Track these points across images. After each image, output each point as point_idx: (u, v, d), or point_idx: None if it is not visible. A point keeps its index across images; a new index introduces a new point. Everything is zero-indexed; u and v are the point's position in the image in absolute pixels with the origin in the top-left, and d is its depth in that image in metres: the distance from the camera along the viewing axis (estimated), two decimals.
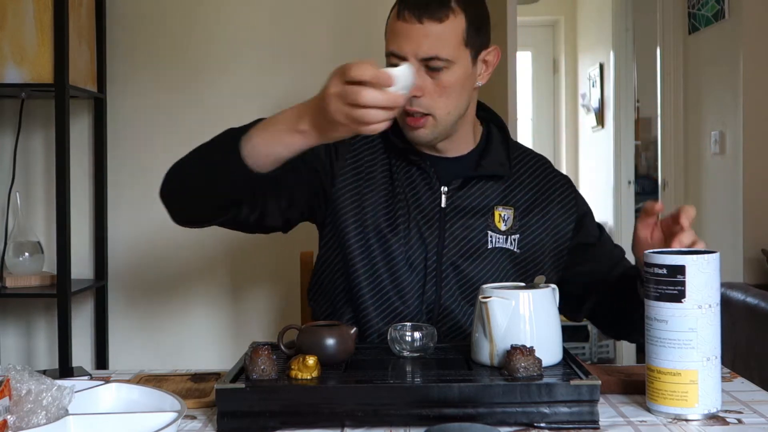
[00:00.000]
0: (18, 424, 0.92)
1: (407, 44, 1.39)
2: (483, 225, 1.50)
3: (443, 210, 1.50)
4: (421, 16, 1.38)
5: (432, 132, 1.46)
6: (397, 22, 1.41)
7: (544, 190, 1.56)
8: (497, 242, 1.50)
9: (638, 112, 5.61)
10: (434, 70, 1.40)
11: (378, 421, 1.06)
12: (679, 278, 1.08)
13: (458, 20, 1.41)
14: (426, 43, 1.39)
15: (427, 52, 1.39)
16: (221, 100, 2.45)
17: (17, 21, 2.11)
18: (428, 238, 1.48)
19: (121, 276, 2.47)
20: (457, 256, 1.49)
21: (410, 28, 1.39)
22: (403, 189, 1.51)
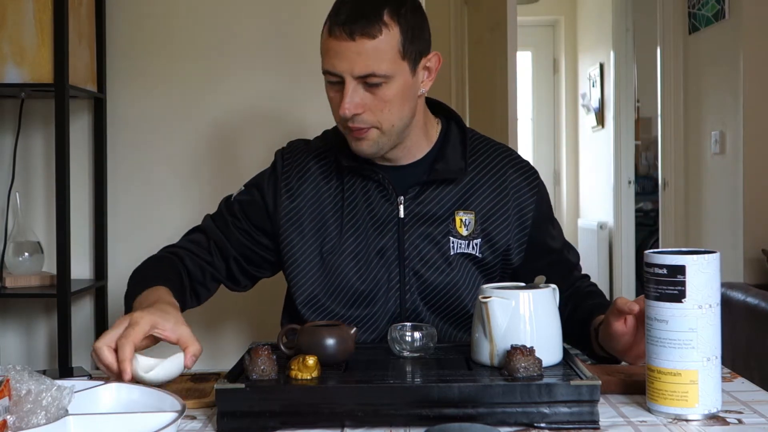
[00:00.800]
0: (18, 424, 0.92)
1: (341, 63, 1.35)
2: (444, 231, 1.48)
3: (401, 220, 1.48)
4: (352, 32, 1.34)
5: (376, 144, 1.43)
6: (330, 40, 1.37)
7: (507, 189, 1.52)
8: (459, 248, 1.48)
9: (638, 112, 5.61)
10: (373, 86, 1.37)
11: (378, 421, 1.06)
12: (679, 278, 1.08)
13: (392, 34, 1.36)
14: (360, 60, 1.35)
15: (362, 69, 1.35)
16: (221, 99, 2.45)
17: (17, 21, 2.11)
18: (388, 250, 1.48)
19: (121, 276, 2.46)
20: (419, 265, 1.48)
21: (343, 46, 1.35)
22: (357, 204, 1.50)
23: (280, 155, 1.58)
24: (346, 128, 1.43)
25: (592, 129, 5.76)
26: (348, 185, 1.51)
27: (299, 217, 1.51)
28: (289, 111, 2.47)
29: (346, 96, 1.36)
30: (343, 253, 1.48)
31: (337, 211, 1.50)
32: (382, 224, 1.49)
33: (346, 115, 1.37)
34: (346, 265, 1.48)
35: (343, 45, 1.35)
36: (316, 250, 1.50)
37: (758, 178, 3.46)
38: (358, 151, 1.45)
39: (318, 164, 1.54)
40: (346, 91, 1.36)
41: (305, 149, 1.58)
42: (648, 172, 5.82)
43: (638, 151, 5.62)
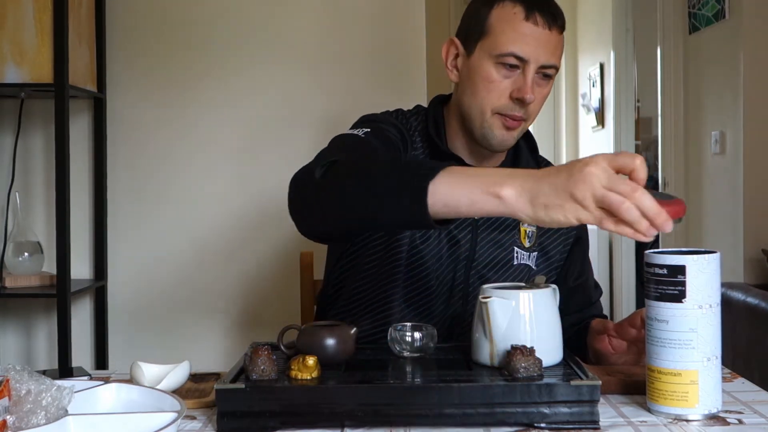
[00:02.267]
0: (18, 424, 0.92)
1: (535, 48, 1.37)
2: (510, 240, 1.49)
3: (476, 222, 1.47)
4: (551, 24, 1.39)
5: (518, 136, 1.46)
6: (525, 24, 1.37)
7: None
8: (522, 258, 1.50)
9: (638, 112, 5.61)
10: (545, 78, 1.41)
11: (378, 421, 1.06)
12: (679, 278, 1.08)
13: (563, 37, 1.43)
14: (549, 50, 1.39)
15: (549, 59, 1.39)
16: (221, 99, 2.45)
17: (17, 21, 2.11)
18: (460, 249, 1.46)
19: (121, 276, 2.47)
20: (486, 269, 1.47)
21: (540, 33, 1.37)
22: None
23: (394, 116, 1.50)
24: (498, 116, 1.41)
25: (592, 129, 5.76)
26: None
27: None
28: (290, 111, 2.47)
29: (529, 80, 1.37)
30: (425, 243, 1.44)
31: None
32: (460, 223, 1.47)
33: (531, 98, 1.37)
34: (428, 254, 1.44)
35: (541, 32, 1.38)
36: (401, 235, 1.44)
37: (758, 178, 3.46)
38: (502, 141, 1.43)
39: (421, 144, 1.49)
40: (527, 77, 1.37)
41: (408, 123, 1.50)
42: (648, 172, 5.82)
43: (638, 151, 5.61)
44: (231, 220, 2.45)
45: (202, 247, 2.46)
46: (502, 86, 1.39)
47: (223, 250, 2.46)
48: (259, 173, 2.46)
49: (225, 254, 2.47)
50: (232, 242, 2.46)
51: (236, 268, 2.47)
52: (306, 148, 2.40)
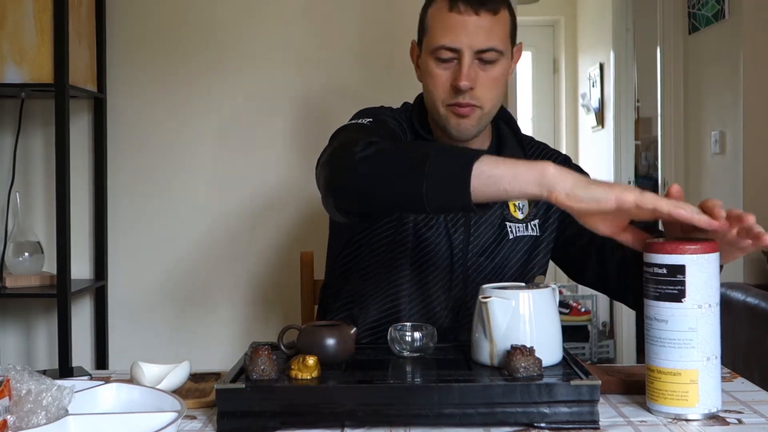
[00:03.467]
0: (18, 424, 0.92)
1: (464, 36, 1.39)
2: (500, 218, 1.51)
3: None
4: (477, 7, 1.39)
5: (477, 124, 1.45)
6: (450, 14, 1.40)
7: None
8: (517, 231, 1.52)
9: (638, 112, 5.61)
10: (487, 63, 1.41)
11: (378, 421, 1.06)
12: (679, 278, 1.08)
13: (505, 14, 1.43)
14: (482, 34, 1.39)
15: (484, 43, 1.39)
16: (221, 99, 2.45)
17: (17, 21, 2.11)
18: (453, 234, 1.49)
19: (121, 276, 2.47)
20: (481, 250, 1.50)
21: (466, 20, 1.39)
22: None
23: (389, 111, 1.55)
24: (448, 106, 1.43)
25: (592, 129, 5.76)
26: None
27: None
28: (291, 111, 2.47)
29: (464, 68, 1.39)
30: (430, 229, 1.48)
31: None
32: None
33: (466, 86, 1.39)
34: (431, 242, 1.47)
35: (467, 19, 1.39)
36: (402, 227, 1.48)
37: (758, 178, 3.46)
38: (459, 130, 1.45)
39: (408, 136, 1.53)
40: (463, 64, 1.39)
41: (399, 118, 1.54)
42: (648, 172, 5.82)
43: (638, 151, 5.61)
44: (231, 220, 2.45)
45: (202, 246, 2.46)
46: (443, 79, 1.43)
47: (224, 250, 2.47)
48: (259, 172, 2.46)
49: (225, 254, 2.47)
50: (233, 242, 2.46)
51: (236, 267, 2.47)
52: (307, 146, 2.40)
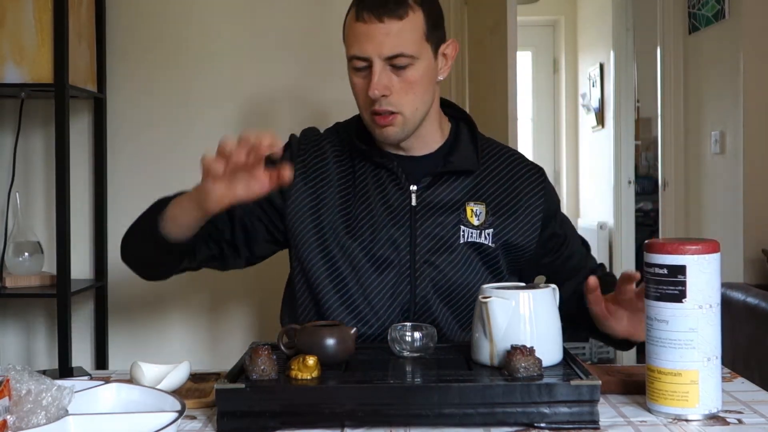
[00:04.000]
0: (18, 424, 0.92)
1: (370, 45, 1.39)
2: (455, 221, 1.50)
3: (414, 208, 1.50)
4: (381, 15, 1.39)
5: (401, 130, 1.46)
6: (357, 24, 1.41)
7: (515, 185, 1.55)
8: (470, 237, 1.50)
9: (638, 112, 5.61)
10: (399, 68, 1.41)
11: (378, 421, 1.06)
12: (679, 278, 1.08)
13: (417, 16, 1.41)
14: (389, 41, 1.39)
15: (391, 50, 1.39)
16: (221, 99, 2.45)
17: (17, 21, 2.11)
18: (399, 238, 1.48)
19: (121, 276, 2.46)
20: (429, 253, 1.49)
21: (371, 29, 1.39)
22: (368, 192, 1.51)
23: (296, 138, 1.59)
24: (370, 115, 1.45)
25: (592, 129, 5.76)
26: (359, 172, 1.52)
27: (312, 199, 1.51)
28: (292, 111, 2.47)
29: (374, 77, 1.40)
30: (358, 239, 1.48)
31: (349, 196, 1.51)
32: (395, 212, 1.50)
33: (375, 95, 1.40)
34: (359, 252, 1.48)
35: (372, 27, 1.39)
36: (328, 233, 1.49)
37: (758, 178, 3.46)
38: (383, 137, 1.47)
39: (333, 149, 1.56)
40: (373, 73, 1.40)
41: (320, 136, 1.60)
42: (648, 172, 5.82)
43: (638, 151, 5.61)
44: None
45: None
46: (362, 87, 1.45)
47: None
48: None
49: None
50: None
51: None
52: None
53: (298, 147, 1.56)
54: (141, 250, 1.51)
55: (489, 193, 1.53)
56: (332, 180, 1.53)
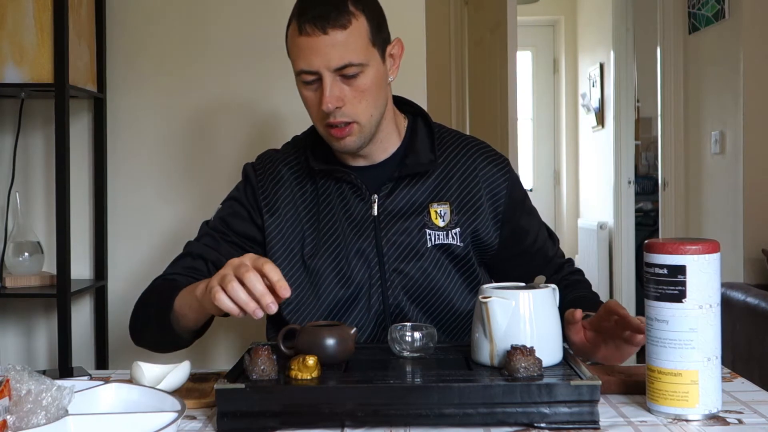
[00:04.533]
0: (18, 424, 0.92)
1: (316, 58, 1.36)
2: (420, 225, 1.49)
3: (376, 218, 1.49)
4: (324, 26, 1.36)
5: (359, 138, 1.44)
6: (300, 38, 1.38)
7: (477, 179, 1.52)
8: (437, 239, 1.49)
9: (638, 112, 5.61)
10: (349, 77, 1.38)
11: (378, 421, 1.06)
12: (679, 278, 1.08)
13: (360, 22, 1.39)
14: (335, 52, 1.36)
15: (339, 61, 1.37)
16: (221, 100, 2.45)
17: (17, 21, 2.11)
18: (366, 249, 1.48)
19: (121, 276, 2.47)
20: (398, 261, 1.48)
21: (316, 42, 1.36)
22: (333, 208, 1.50)
23: (251, 168, 1.58)
24: (326, 127, 1.43)
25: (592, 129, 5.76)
26: (322, 189, 1.52)
27: (279, 226, 1.51)
28: (294, 112, 2.47)
29: (326, 90, 1.37)
30: (323, 257, 1.48)
31: (314, 216, 1.51)
32: (358, 224, 1.49)
33: (329, 109, 1.38)
34: (326, 269, 1.48)
35: (316, 40, 1.36)
36: (297, 256, 1.50)
37: (758, 178, 3.46)
38: (340, 148, 1.46)
39: (290, 171, 1.55)
40: (324, 86, 1.38)
41: (275, 159, 1.58)
42: (648, 172, 5.82)
43: (638, 151, 5.61)
44: None
45: None
46: (314, 101, 1.42)
47: None
48: None
49: None
50: None
51: None
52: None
53: (256, 179, 1.55)
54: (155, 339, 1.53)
55: (452, 191, 1.51)
56: (296, 204, 1.52)
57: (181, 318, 1.39)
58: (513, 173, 1.57)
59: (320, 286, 1.48)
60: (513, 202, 1.55)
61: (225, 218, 1.56)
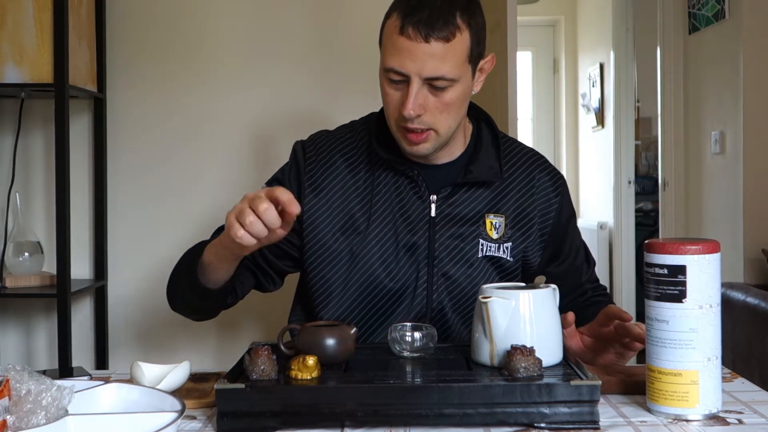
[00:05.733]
0: (18, 424, 0.92)
1: (411, 63, 1.32)
2: (474, 233, 1.48)
3: (432, 219, 1.47)
4: (428, 35, 1.31)
5: (433, 146, 1.42)
6: (400, 38, 1.32)
7: (533, 196, 1.52)
8: (488, 251, 1.48)
9: (638, 112, 5.61)
10: (437, 89, 1.35)
11: (378, 421, 1.06)
12: (680, 278, 1.08)
13: (463, 37, 1.34)
14: (431, 62, 1.32)
15: (432, 72, 1.33)
16: (221, 99, 2.45)
17: (17, 21, 2.11)
18: (419, 249, 1.46)
19: (121, 276, 2.47)
20: (449, 265, 1.47)
21: (415, 47, 1.31)
22: (387, 200, 1.48)
23: (301, 148, 1.54)
24: (401, 128, 1.40)
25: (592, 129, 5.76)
26: (379, 179, 1.49)
27: (325, 210, 1.48)
28: (292, 112, 2.47)
29: (411, 96, 1.34)
30: (372, 248, 1.46)
31: (366, 205, 1.48)
32: (413, 222, 1.47)
33: (410, 115, 1.35)
34: (375, 261, 1.46)
35: (415, 45, 1.31)
36: (343, 244, 1.47)
37: (758, 178, 3.46)
38: (412, 152, 1.43)
39: (344, 156, 1.51)
40: (410, 91, 1.34)
41: (328, 141, 1.54)
42: (648, 172, 5.82)
43: (638, 151, 5.61)
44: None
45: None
46: (395, 99, 1.38)
47: None
48: (261, 172, 2.45)
49: None
50: None
51: None
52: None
53: (304, 160, 1.52)
54: (187, 300, 1.50)
55: (508, 205, 1.50)
56: (348, 189, 1.49)
57: (209, 269, 1.39)
58: (566, 192, 1.57)
59: (366, 279, 1.46)
60: (560, 223, 1.55)
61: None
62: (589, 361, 1.37)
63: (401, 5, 1.35)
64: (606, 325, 1.32)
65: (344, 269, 1.47)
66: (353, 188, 1.49)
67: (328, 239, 1.48)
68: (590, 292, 1.62)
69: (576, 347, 1.35)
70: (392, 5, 1.38)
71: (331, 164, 1.51)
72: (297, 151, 1.55)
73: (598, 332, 1.34)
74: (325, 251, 1.48)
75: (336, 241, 1.47)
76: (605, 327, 1.32)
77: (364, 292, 1.47)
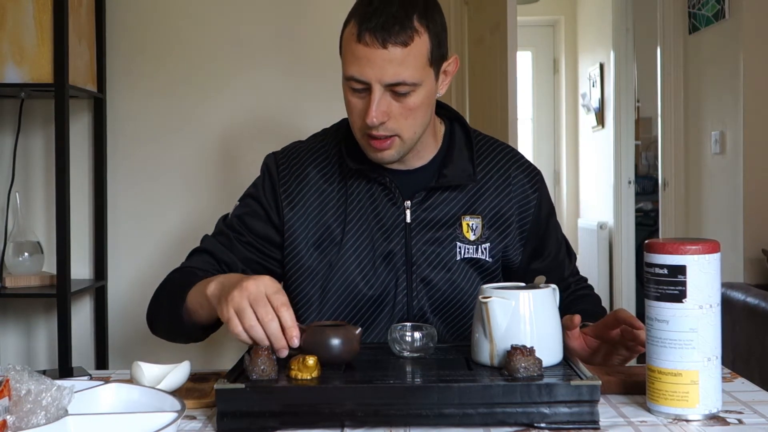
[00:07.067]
0: (18, 424, 0.92)
1: (370, 70, 1.31)
2: (451, 236, 1.47)
3: (408, 225, 1.47)
4: (385, 40, 1.30)
5: (398, 152, 1.40)
6: (358, 46, 1.31)
7: (510, 193, 1.51)
8: (466, 253, 1.47)
9: (638, 112, 5.61)
10: (400, 95, 1.34)
11: (378, 421, 1.06)
12: (680, 278, 1.08)
13: (422, 40, 1.33)
14: (391, 68, 1.31)
15: (392, 77, 1.31)
16: (221, 99, 2.45)
17: (17, 21, 2.11)
18: (396, 256, 1.46)
19: (121, 276, 2.47)
20: (427, 270, 1.46)
21: (373, 53, 1.30)
22: (362, 209, 1.47)
23: (273, 160, 1.54)
24: (365, 136, 1.39)
25: (592, 129, 5.76)
26: (352, 188, 1.48)
27: (302, 224, 1.48)
28: (292, 113, 2.47)
29: (373, 104, 1.33)
30: (349, 258, 1.46)
31: (341, 215, 1.47)
32: (389, 229, 1.46)
33: (373, 123, 1.34)
34: (353, 271, 1.46)
35: (373, 52, 1.31)
36: (320, 256, 1.47)
37: (758, 178, 3.46)
38: (377, 159, 1.42)
39: (318, 167, 1.51)
40: (372, 99, 1.33)
41: (301, 151, 1.53)
42: (648, 172, 5.82)
43: (638, 151, 5.61)
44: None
45: None
46: (358, 108, 1.37)
47: None
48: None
49: None
50: None
51: None
52: None
53: (278, 174, 1.51)
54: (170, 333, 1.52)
55: (485, 206, 1.49)
56: (323, 200, 1.48)
57: (193, 313, 1.38)
58: (544, 188, 1.55)
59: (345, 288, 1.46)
60: (539, 220, 1.54)
61: (242, 217, 1.53)
62: (588, 361, 1.36)
63: (358, 13, 1.35)
64: (614, 327, 1.32)
65: (321, 282, 1.47)
66: (328, 199, 1.49)
67: (304, 254, 1.47)
68: (573, 285, 1.61)
69: (579, 348, 1.35)
70: (350, 13, 1.37)
71: (305, 176, 1.50)
72: (269, 165, 1.54)
73: (604, 334, 1.34)
74: (302, 265, 1.48)
75: (311, 256, 1.47)
76: (612, 330, 1.32)
77: (344, 302, 1.47)
